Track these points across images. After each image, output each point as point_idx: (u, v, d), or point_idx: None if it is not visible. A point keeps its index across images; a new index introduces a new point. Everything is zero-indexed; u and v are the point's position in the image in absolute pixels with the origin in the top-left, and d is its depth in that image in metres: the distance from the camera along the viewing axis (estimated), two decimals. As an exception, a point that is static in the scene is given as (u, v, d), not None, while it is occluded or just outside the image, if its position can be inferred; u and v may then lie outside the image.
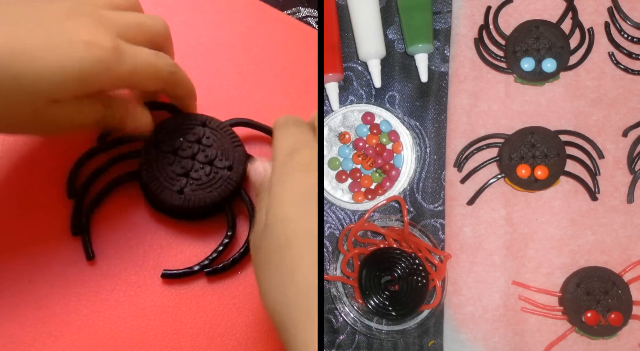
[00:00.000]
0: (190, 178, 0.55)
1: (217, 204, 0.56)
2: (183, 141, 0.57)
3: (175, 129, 0.57)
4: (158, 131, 0.57)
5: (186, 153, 0.56)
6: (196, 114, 0.59)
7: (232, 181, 0.56)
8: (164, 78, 0.54)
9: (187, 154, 0.56)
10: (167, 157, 0.56)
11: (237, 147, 0.58)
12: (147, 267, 0.55)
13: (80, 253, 0.55)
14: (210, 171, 0.56)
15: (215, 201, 0.55)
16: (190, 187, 0.55)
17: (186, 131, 0.57)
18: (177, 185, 0.55)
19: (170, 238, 0.57)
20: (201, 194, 0.55)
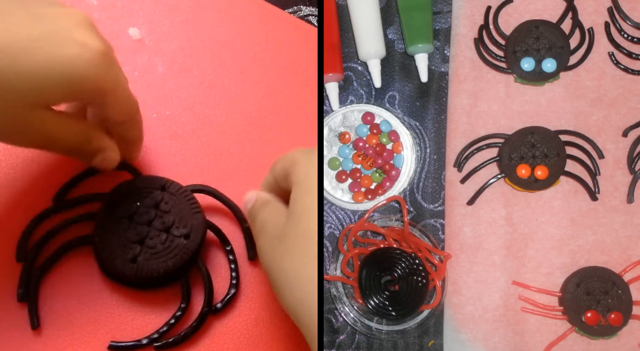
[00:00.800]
0: (144, 246, 0.53)
1: (172, 274, 0.53)
2: (140, 205, 0.54)
3: (133, 193, 0.55)
4: (115, 193, 0.54)
5: (142, 219, 0.54)
6: (156, 177, 0.56)
7: (188, 251, 0.53)
8: (133, 108, 0.53)
9: (143, 220, 0.54)
10: (122, 223, 0.53)
11: (196, 214, 0.55)
12: (95, 337, 0.52)
13: (25, 321, 0.52)
14: (166, 239, 0.53)
15: (169, 271, 0.53)
16: (144, 255, 0.52)
17: (144, 195, 0.55)
18: (130, 253, 0.52)
19: (121, 308, 0.54)
20: (155, 263, 0.52)
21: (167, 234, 0.54)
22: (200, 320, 0.54)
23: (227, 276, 0.57)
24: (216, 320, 0.55)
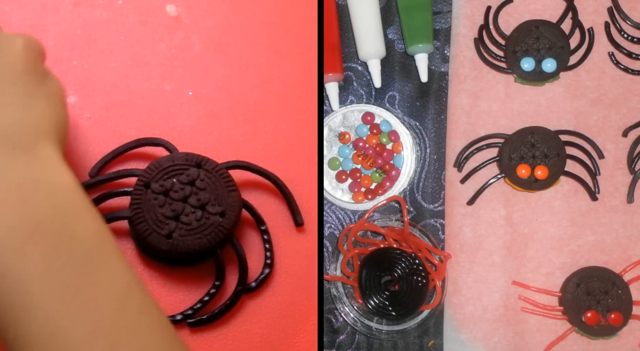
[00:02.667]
0: (180, 222, 0.53)
1: (206, 251, 0.53)
2: (176, 182, 0.54)
3: (169, 169, 0.55)
4: (151, 169, 0.55)
5: (178, 195, 0.54)
6: (192, 154, 0.56)
7: (223, 228, 0.53)
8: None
9: (178, 197, 0.54)
10: (158, 199, 0.54)
11: (231, 192, 0.55)
12: None
13: None
14: (201, 216, 0.53)
15: (204, 248, 0.53)
16: (179, 231, 0.53)
17: (180, 172, 0.55)
18: (165, 229, 0.52)
19: (155, 283, 0.54)
20: (190, 240, 0.53)
21: (203, 211, 0.54)
22: (234, 299, 0.54)
23: (262, 255, 0.57)
24: (250, 298, 0.55)
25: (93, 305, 0.38)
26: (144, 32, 0.63)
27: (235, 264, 0.56)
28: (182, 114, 0.60)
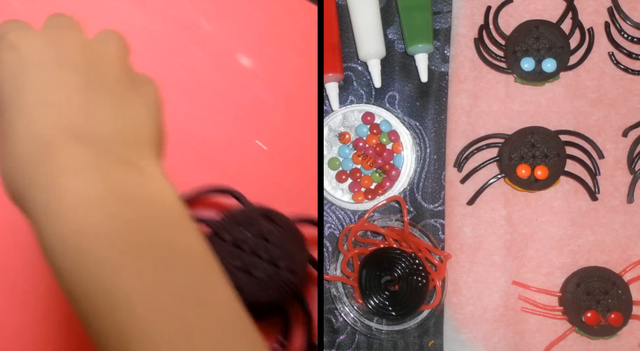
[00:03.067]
0: (249, 275, 0.53)
1: (273, 307, 0.54)
2: (248, 234, 0.55)
3: (241, 220, 0.55)
4: (224, 219, 0.55)
5: (249, 248, 0.54)
6: (264, 207, 0.56)
7: (293, 286, 0.54)
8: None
9: (249, 249, 0.54)
10: (230, 249, 0.54)
11: (302, 249, 0.55)
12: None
13: None
14: (271, 271, 0.53)
15: (271, 302, 0.53)
16: (248, 284, 0.53)
17: (252, 224, 0.55)
18: (234, 280, 0.52)
19: None
20: (258, 293, 0.53)
21: (273, 266, 0.54)
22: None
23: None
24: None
25: (199, 335, 0.35)
26: (217, 80, 0.64)
27: (301, 324, 0.56)
28: (254, 165, 0.60)
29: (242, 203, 0.57)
